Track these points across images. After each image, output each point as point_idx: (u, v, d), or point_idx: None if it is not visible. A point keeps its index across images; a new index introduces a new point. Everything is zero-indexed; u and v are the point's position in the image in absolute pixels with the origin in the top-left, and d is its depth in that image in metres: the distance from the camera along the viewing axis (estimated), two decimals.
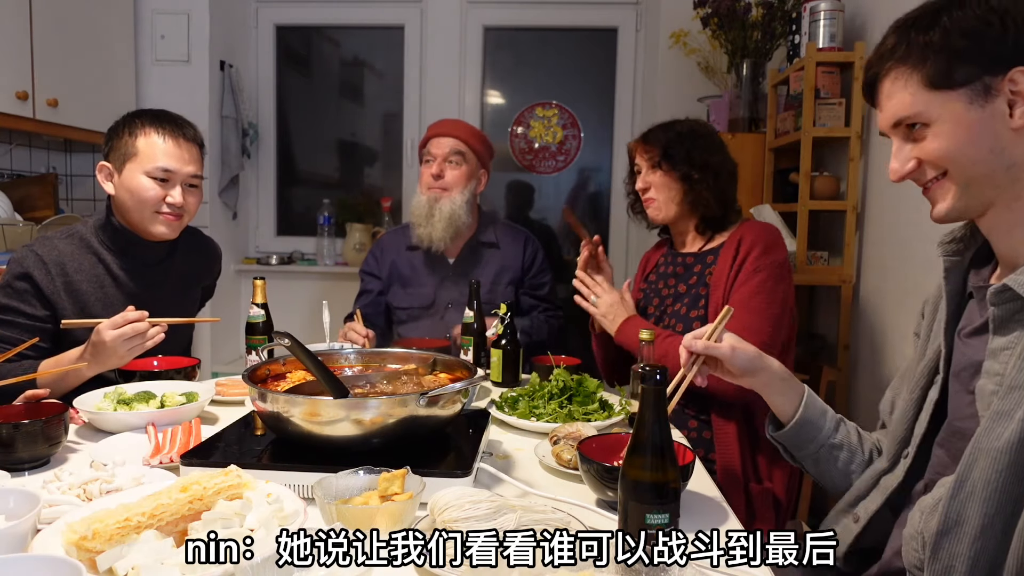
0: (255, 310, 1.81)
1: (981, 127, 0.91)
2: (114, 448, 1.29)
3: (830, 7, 2.39)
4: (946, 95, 0.92)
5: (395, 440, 1.14)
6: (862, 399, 2.37)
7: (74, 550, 0.84)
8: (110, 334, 1.48)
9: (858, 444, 1.21)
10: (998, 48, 0.89)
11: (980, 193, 0.95)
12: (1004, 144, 0.91)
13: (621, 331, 1.78)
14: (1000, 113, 0.90)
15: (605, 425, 1.46)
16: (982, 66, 0.90)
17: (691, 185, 1.78)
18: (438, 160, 2.28)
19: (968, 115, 0.91)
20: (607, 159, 3.76)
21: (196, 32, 3.33)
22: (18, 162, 2.96)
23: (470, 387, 1.25)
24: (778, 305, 1.67)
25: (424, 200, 2.28)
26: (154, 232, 1.74)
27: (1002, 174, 0.92)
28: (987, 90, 0.90)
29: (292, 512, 0.97)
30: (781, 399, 1.20)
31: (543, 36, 3.75)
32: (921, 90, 0.93)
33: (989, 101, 0.90)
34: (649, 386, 0.89)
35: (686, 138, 1.79)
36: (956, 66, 0.90)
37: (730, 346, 1.17)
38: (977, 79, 0.90)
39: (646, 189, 1.84)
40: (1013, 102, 0.90)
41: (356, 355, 1.48)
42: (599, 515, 1.09)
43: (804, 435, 1.19)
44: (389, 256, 2.40)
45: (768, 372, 1.19)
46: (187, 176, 1.73)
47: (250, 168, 3.76)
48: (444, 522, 0.92)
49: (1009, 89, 0.89)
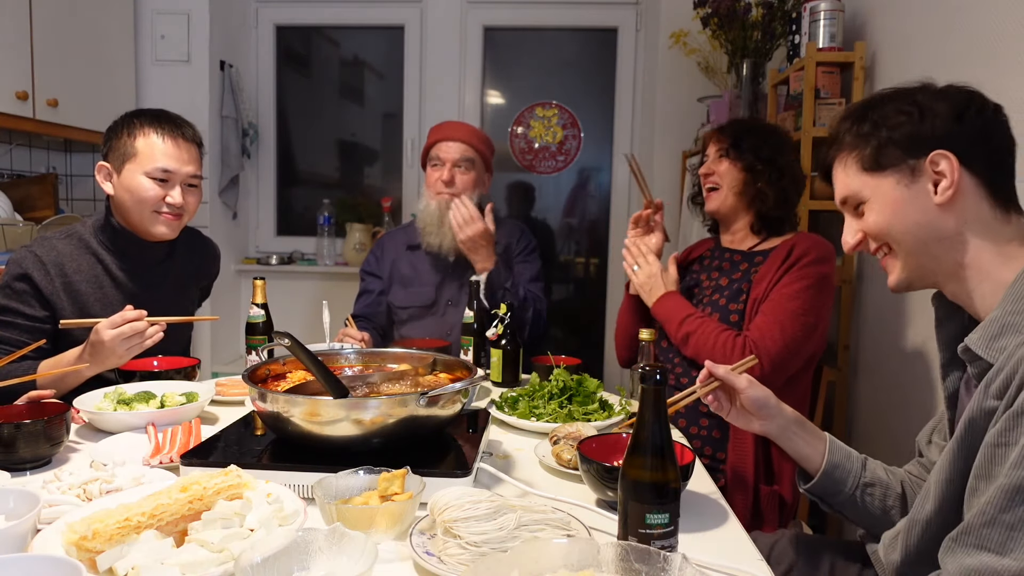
0: (255, 310, 1.81)
1: (906, 204, 1.01)
2: (114, 448, 1.29)
3: (830, 7, 2.39)
4: (878, 177, 1.04)
5: (395, 440, 1.14)
6: (862, 399, 2.37)
7: (74, 550, 0.84)
8: (109, 333, 1.48)
9: (888, 479, 1.20)
10: (917, 135, 0.99)
11: (921, 264, 1.03)
12: (931, 218, 1.00)
13: (660, 304, 1.82)
14: (925, 191, 1.00)
15: (605, 425, 1.46)
16: (905, 151, 1.01)
17: (753, 176, 1.79)
18: (448, 165, 2.27)
19: (895, 193, 1.02)
20: (607, 159, 3.76)
21: (196, 32, 3.33)
22: (18, 162, 2.96)
23: (470, 387, 1.25)
24: (813, 315, 1.67)
25: (434, 206, 2.27)
26: (154, 232, 1.74)
27: (935, 245, 1.01)
28: (913, 171, 1.01)
29: (292, 512, 0.98)
30: (803, 446, 1.20)
31: (543, 36, 3.75)
32: (857, 173, 1.06)
33: (915, 180, 1.01)
34: (649, 386, 0.89)
35: (758, 132, 1.83)
36: (883, 152, 1.02)
37: (747, 379, 1.21)
38: (902, 162, 1.01)
39: (710, 174, 1.86)
40: (937, 180, 0.99)
41: (356, 355, 1.48)
42: (599, 515, 1.09)
43: (835, 479, 1.19)
44: (390, 256, 2.40)
45: (782, 417, 1.20)
46: (186, 176, 1.73)
47: (250, 168, 3.76)
48: (444, 522, 0.92)
49: (932, 169, 0.99)
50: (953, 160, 0.97)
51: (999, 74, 1.69)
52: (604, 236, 3.80)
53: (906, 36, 2.18)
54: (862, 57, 2.34)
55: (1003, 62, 1.69)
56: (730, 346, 1.67)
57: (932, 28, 2.01)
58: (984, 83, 1.83)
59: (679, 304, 1.80)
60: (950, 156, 0.97)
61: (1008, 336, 0.91)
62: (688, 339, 1.73)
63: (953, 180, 0.97)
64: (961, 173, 0.97)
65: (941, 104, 0.99)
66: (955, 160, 0.97)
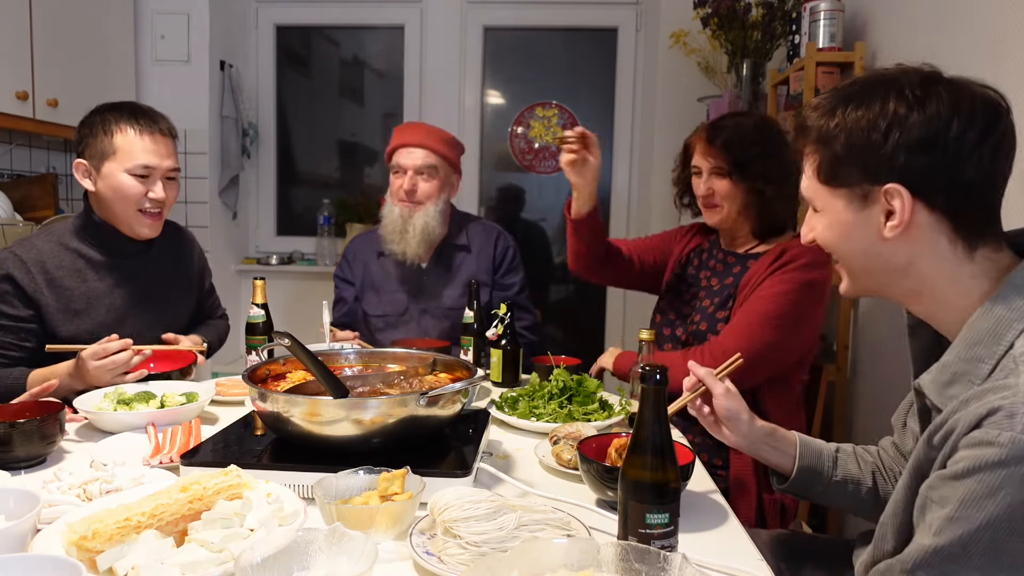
0: (255, 310, 1.81)
1: (855, 230, 0.94)
2: (114, 448, 1.29)
3: (830, 7, 2.39)
4: (831, 190, 0.95)
5: (395, 440, 1.14)
6: (862, 399, 2.37)
7: (74, 550, 0.84)
8: (92, 364, 1.51)
9: (859, 472, 1.20)
10: (876, 159, 0.89)
11: (869, 286, 0.99)
12: (879, 250, 0.93)
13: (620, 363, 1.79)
14: (875, 221, 0.92)
15: (605, 425, 1.46)
16: (861, 172, 0.91)
17: (761, 198, 1.69)
18: (409, 174, 2.17)
19: (846, 215, 0.94)
20: (607, 159, 3.76)
21: (196, 32, 3.33)
22: (18, 162, 2.96)
23: (470, 387, 1.25)
24: (790, 319, 1.62)
25: (397, 214, 2.19)
26: (139, 233, 1.76)
27: (883, 273, 0.95)
28: (865, 197, 0.92)
29: (292, 512, 0.98)
30: (776, 454, 1.20)
31: (543, 36, 3.75)
32: (813, 179, 0.98)
33: (866, 207, 0.92)
34: (649, 386, 0.89)
35: (758, 144, 1.67)
36: (840, 165, 0.93)
37: (725, 387, 1.18)
38: (856, 184, 0.92)
39: (709, 195, 1.75)
40: (888, 214, 0.90)
41: (356, 355, 1.48)
42: (599, 515, 1.09)
43: (807, 481, 1.19)
44: (360, 261, 2.32)
45: (752, 433, 1.18)
46: (166, 170, 1.75)
47: (250, 168, 3.76)
48: (444, 522, 0.92)
49: (886, 199, 0.90)
50: (907, 199, 0.87)
51: (1000, 75, 1.69)
52: None
53: (906, 36, 2.18)
54: (862, 57, 2.34)
55: (1004, 62, 1.69)
56: (699, 356, 1.64)
57: (932, 28, 2.01)
58: (984, 83, 1.82)
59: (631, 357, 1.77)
60: (903, 194, 0.87)
61: (959, 385, 0.86)
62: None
63: (902, 220, 0.88)
64: (916, 210, 0.88)
65: (916, 119, 0.86)
66: (909, 199, 0.87)
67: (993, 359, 0.84)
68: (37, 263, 1.69)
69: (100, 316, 1.72)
